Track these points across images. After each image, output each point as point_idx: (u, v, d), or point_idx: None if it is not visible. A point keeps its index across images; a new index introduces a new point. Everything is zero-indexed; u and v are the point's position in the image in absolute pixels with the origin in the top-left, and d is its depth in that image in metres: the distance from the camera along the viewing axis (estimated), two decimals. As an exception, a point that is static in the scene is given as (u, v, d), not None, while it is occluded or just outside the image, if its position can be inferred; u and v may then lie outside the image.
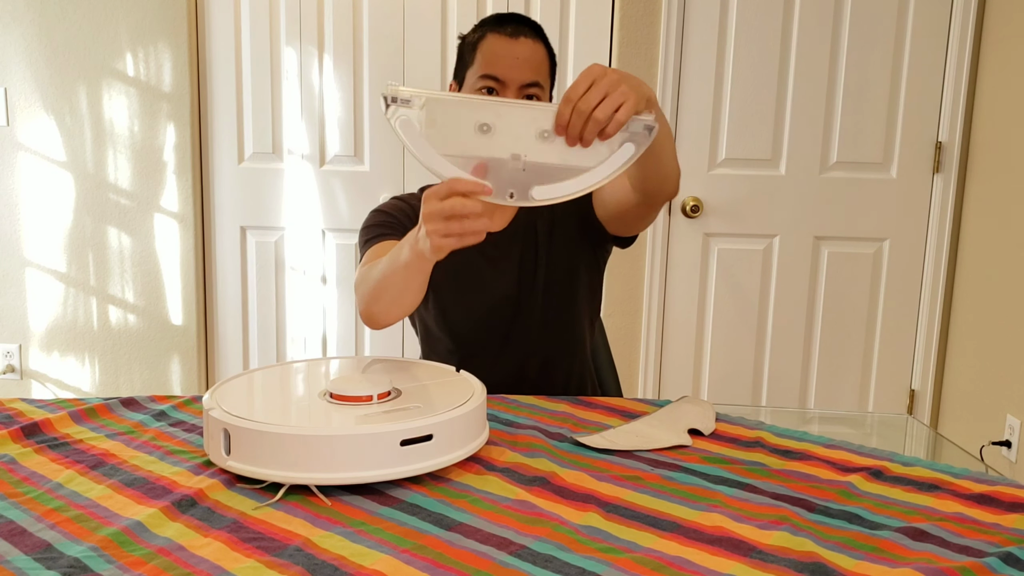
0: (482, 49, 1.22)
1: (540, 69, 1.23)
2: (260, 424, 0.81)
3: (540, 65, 1.23)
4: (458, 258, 1.30)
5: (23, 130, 2.54)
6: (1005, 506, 0.81)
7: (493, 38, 1.22)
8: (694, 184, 2.51)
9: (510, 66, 1.20)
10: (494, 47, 1.21)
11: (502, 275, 1.31)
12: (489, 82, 1.21)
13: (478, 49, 1.23)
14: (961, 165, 2.45)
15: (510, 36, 1.21)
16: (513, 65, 1.20)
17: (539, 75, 1.22)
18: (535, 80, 1.22)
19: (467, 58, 1.25)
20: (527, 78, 1.21)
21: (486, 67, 1.21)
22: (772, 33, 2.44)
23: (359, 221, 2.59)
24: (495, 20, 1.24)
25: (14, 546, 0.69)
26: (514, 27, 1.22)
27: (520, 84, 1.20)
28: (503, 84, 1.20)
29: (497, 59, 1.20)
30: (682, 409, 1.08)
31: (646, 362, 2.60)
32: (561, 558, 0.68)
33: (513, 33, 1.21)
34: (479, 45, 1.23)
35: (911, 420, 1.34)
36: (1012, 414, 2.18)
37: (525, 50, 1.21)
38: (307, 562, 0.67)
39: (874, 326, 2.56)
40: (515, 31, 1.22)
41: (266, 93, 2.54)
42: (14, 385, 2.66)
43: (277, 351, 2.67)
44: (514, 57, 1.20)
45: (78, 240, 2.59)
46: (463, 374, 1.02)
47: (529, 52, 1.21)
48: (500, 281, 1.31)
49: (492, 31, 1.22)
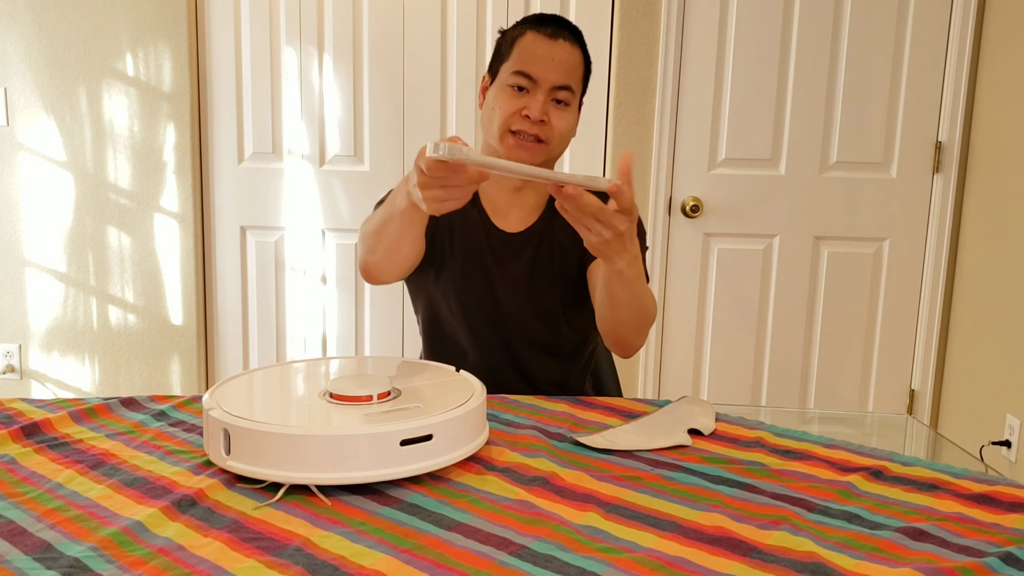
0: (519, 45, 1.22)
1: (574, 73, 1.23)
2: (260, 424, 0.81)
3: (574, 69, 1.23)
4: (469, 257, 1.30)
5: (23, 130, 2.54)
6: (1005, 506, 0.81)
7: (532, 36, 1.21)
8: (694, 184, 2.51)
9: (545, 66, 1.20)
10: (532, 45, 1.21)
11: (511, 278, 1.30)
12: (521, 79, 1.21)
13: (516, 45, 1.23)
14: (961, 165, 2.45)
15: (549, 36, 1.21)
16: (548, 65, 1.20)
17: (571, 79, 1.22)
18: (567, 84, 1.21)
19: (504, 52, 1.25)
20: (560, 80, 1.21)
21: (521, 63, 1.21)
22: (772, 33, 2.44)
23: (359, 221, 2.60)
24: (536, 19, 1.24)
25: (14, 546, 0.69)
26: (554, 28, 1.22)
27: (552, 85, 1.20)
28: (535, 82, 1.20)
29: (533, 57, 1.20)
30: (682, 409, 1.08)
31: (646, 362, 2.60)
32: (561, 558, 0.68)
33: (553, 34, 1.21)
34: (517, 41, 1.23)
35: (911, 420, 1.34)
36: (1012, 414, 2.18)
37: (562, 52, 1.21)
38: (307, 562, 0.67)
39: (874, 326, 2.56)
40: (555, 32, 1.21)
41: (266, 93, 2.54)
42: (14, 385, 2.66)
43: (277, 351, 2.67)
44: (550, 58, 1.20)
45: (78, 240, 2.59)
46: (463, 374, 1.02)
47: (566, 55, 1.21)
48: (508, 283, 1.30)
49: (532, 29, 1.22)
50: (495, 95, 1.24)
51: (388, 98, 2.53)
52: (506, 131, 1.22)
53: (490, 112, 1.25)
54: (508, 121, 1.22)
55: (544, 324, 1.31)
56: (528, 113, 1.20)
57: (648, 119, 2.46)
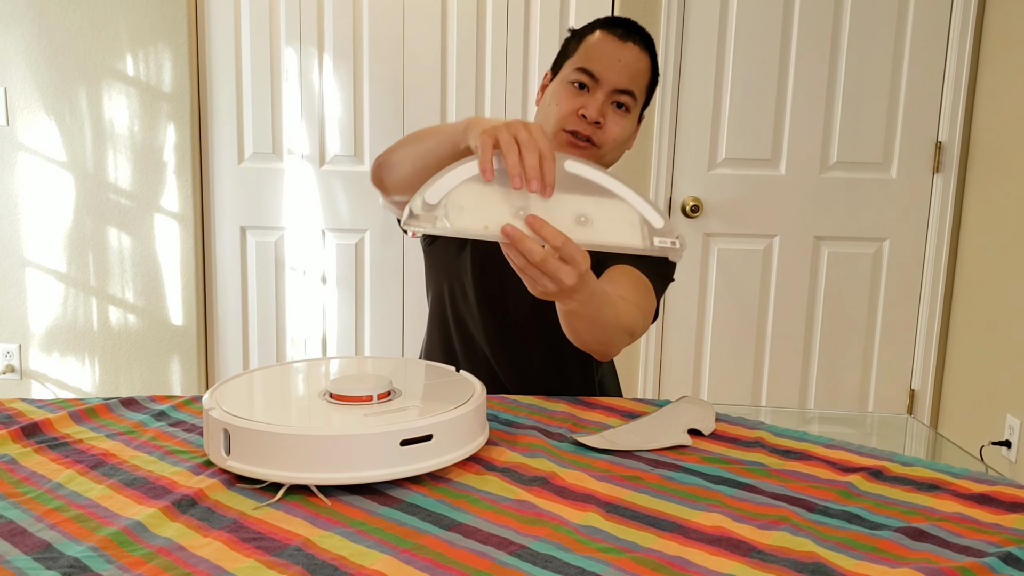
0: (587, 43, 1.18)
1: (638, 79, 1.18)
2: (260, 424, 0.81)
3: (639, 75, 1.18)
4: (484, 260, 1.28)
5: (23, 130, 2.54)
6: (1005, 506, 0.81)
7: (601, 35, 1.18)
8: (694, 184, 2.51)
9: (609, 66, 1.16)
10: (599, 44, 1.17)
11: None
12: (583, 76, 1.17)
13: (583, 42, 1.19)
14: (961, 165, 2.45)
15: (619, 38, 1.17)
16: (613, 66, 1.16)
17: (635, 84, 1.18)
18: (630, 88, 1.17)
19: (570, 49, 1.21)
20: (622, 83, 1.16)
21: (585, 60, 1.17)
22: (772, 33, 2.44)
23: (359, 221, 2.60)
24: (609, 20, 1.20)
25: (14, 546, 0.69)
26: (625, 31, 1.18)
27: (613, 87, 1.16)
28: (597, 82, 1.16)
29: (599, 55, 1.16)
30: (682, 409, 1.08)
31: (646, 362, 2.60)
32: (561, 558, 0.68)
33: (623, 36, 1.17)
34: (585, 38, 1.19)
35: (911, 420, 1.34)
36: (1012, 414, 2.18)
37: (629, 55, 1.17)
38: (307, 562, 0.67)
39: (874, 326, 2.56)
40: (625, 34, 1.17)
41: (266, 93, 2.54)
42: (14, 385, 2.66)
43: (277, 351, 2.67)
44: (616, 59, 1.16)
45: (78, 240, 2.59)
46: (463, 374, 1.02)
47: (633, 58, 1.17)
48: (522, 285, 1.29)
49: (603, 28, 1.18)
50: (554, 90, 1.21)
51: (388, 98, 2.53)
52: (560, 129, 1.18)
53: (547, 108, 1.21)
54: (564, 120, 1.17)
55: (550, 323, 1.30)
56: (585, 113, 1.16)
57: (648, 119, 2.46)
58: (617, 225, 0.88)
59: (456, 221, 0.85)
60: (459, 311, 1.33)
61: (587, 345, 1.08)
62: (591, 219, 0.88)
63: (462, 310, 1.32)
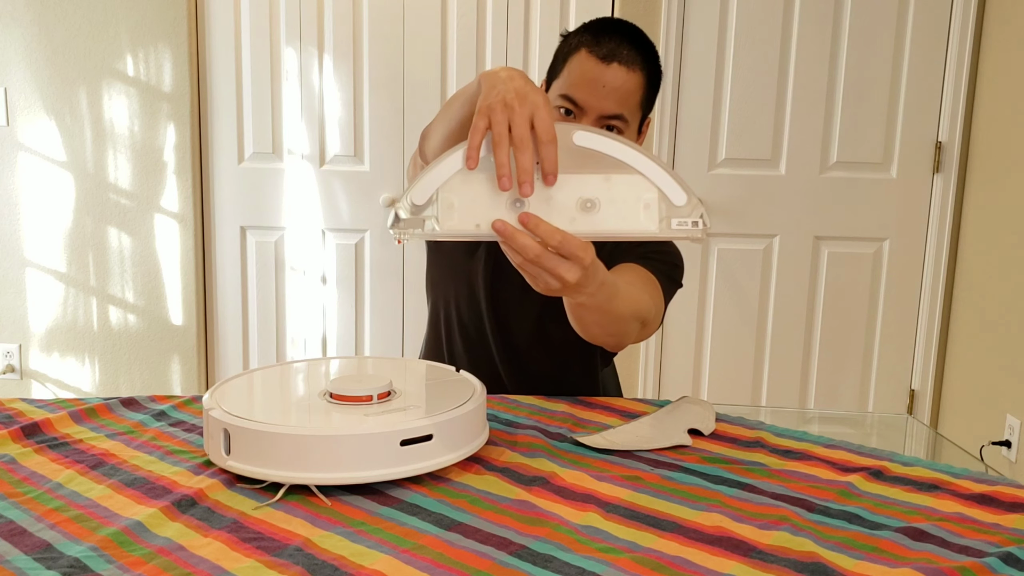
0: (570, 65, 1.11)
1: (628, 100, 1.11)
2: (260, 424, 0.81)
3: (628, 96, 1.11)
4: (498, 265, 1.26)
5: (23, 130, 2.54)
6: (1005, 506, 0.81)
7: (584, 57, 1.10)
8: (694, 184, 2.51)
9: (592, 92, 1.09)
10: (582, 68, 1.10)
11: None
12: (567, 103, 1.11)
13: (568, 62, 1.12)
14: (961, 165, 2.45)
15: (602, 59, 1.09)
16: (596, 92, 1.09)
17: (625, 106, 1.10)
18: (618, 112, 1.10)
19: (557, 68, 1.16)
20: (609, 109, 1.09)
21: (568, 87, 1.11)
22: (772, 33, 2.44)
23: (359, 221, 2.60)
24: (595, 33, 1.11)
25: (14, 546, 0.69)
26: (611, 48, 1.09)
27: (600, 114, 1.10)
28: (582, 110, 1.10)
29: (581, 82, 1.09)
30: (682, 409, 1.08)
31: (646, 362, 2.60)
32: (561, 558, 0.68)
33: (607, 57, 1.09)
34: (570, 58, 1.12)
35: (911, 420, 1.34)
36: (1012, 414, 2.18)
37: (615, 78, 1.09)
38: (307, 562, 0.67)
39: (874, 326, 2.56)
40: (609, 54, 1.09)
41: (266, 93, 2.54)
42: (14, 385, 2.66)
43: (277, 351, 2.67)
44: (600, 84, 1.08)
45: (78, 240, 2.59)
46: (463, 374, 1.02)
47: (619, 81, 1.09)
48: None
49: (587, 47, 1.10)
50: None
51: (388, 98, 2.53)
52: None
53: None
54: None
55: (553, 321, 1.29)
56: None
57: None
58: (629, 208, 0.80)
59: (445, 223, 0.78)
60: (465, 315, 1.31)
61: (597, 338, 1.06)
62: (598, 203, 0.80)
63: (469, 315, 1.30)
